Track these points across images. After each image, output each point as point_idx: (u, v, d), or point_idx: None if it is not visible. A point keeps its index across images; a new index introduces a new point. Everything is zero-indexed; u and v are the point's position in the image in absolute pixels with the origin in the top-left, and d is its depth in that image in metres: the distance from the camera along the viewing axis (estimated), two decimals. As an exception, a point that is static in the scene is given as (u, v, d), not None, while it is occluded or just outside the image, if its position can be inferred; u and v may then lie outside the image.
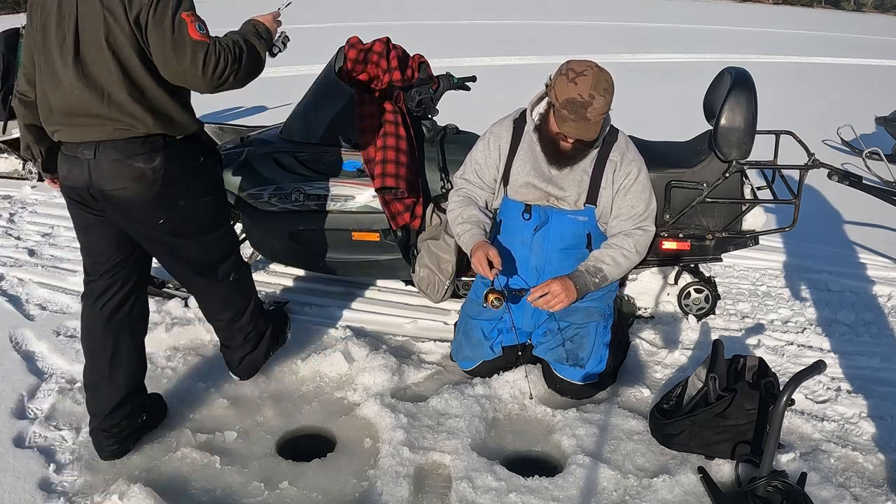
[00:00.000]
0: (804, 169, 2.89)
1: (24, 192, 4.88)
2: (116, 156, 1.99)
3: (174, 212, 2.12)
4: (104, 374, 2.21)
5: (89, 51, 1.93)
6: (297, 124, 3.08)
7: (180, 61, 1.90)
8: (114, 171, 2.00)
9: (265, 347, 2.57)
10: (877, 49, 17.42)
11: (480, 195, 2.59)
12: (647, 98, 8.97)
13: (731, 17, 25.54)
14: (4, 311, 3.11)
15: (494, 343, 2.60)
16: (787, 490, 2.02)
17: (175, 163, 2.07)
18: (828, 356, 2.95)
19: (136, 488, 1.98)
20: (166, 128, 2.03)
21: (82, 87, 1.94)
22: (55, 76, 1.98)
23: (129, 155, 1.99)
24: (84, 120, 1.97)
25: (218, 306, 2.42)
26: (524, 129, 2.50)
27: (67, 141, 2.03)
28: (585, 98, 2.19)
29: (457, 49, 12.72)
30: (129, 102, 1.94)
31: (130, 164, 2.00)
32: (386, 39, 3.02)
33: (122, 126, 1.97)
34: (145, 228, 2.13)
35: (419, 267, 2.93)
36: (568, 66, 2.25)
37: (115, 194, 2.02)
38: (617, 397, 2.62)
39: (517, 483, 2.14)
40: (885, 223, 4.64)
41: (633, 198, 2.45)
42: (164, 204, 2.08)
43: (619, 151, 2.45)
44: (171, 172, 2.06)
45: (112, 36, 1.90)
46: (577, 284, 2.35)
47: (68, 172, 2.06)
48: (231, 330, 2.47)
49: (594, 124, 2.24)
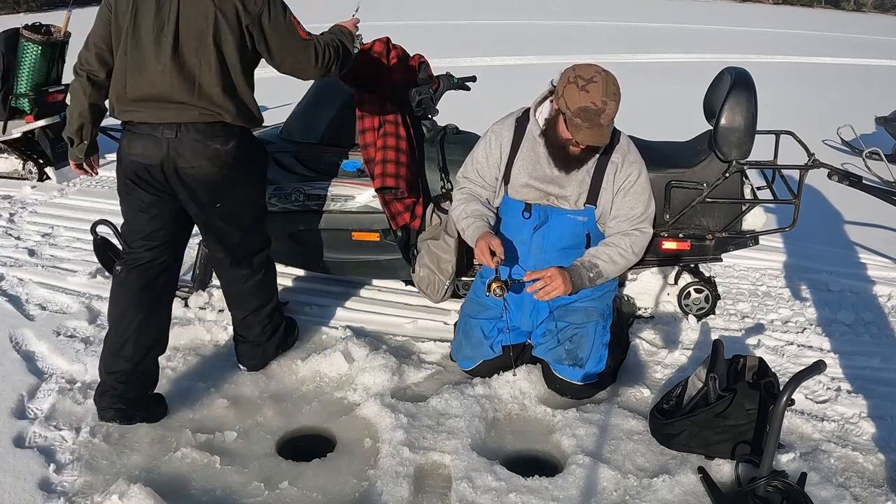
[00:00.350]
0: (804, 169, 2.89)
1: (24, 192, 4.88)
2: (197, 136, 2.22)
3: (233, 195, 2.36)
4: (130, 336, 2.33)
5: (189, 43, 2.15)
6: (297, 124, 3.08)
7: (295, 55, 2.26)
8: (193, 149, 2.22)
9: (277, 341, 2.73)
10: (877, 49, 17.43)
11: (482, 193, 2.59)
12: (647, 98, 8.97)
13: (731, 17, 25.54)
14: (4, 311, 3.11)
15: (494, 342, 2.60)
16: (787, 490, 2.02)
17: (244, 149, 2.35)
18: (828, 356, 2.95)
19: (136, 488, 1.98)
20: (243, 119, 2.29)
21: (175, 75, 2.15)
22: (143, 61, 2.16)
23: (209, 137, 2.24)
24: (167, 105, 2.18)
25: (246, 296, 2.60)
26: (526, 129, 2.50)
27: (147, 122, 2.21)
28: (599, 105, 2.20)
29: (457, 49, 12.72)
30: (220, 95, 2.19)
31: (209, 144, 2.24)
32: (386, 39, 3.01)
33: (206, 112, 2.20)
34: (203, 209, 2.34)
35: (419, 267, 2.93)
36: (576, 74, 2.24)
37: (188, 172, 2.24)
38: (617, 397, 2.62)
39: (517, 483, 2.14)
40: (885, 223, 4.64)
41: (631, 199, 2.46)
42: (227, 185, 2.32)
43: (620, 153, 2.46)
44: (242, 153, 2.33)
45: (220, 34, 2.15)
46: (573, 277, 2.37)
47: (143, 150, 2.23)
48: (251, 321, 2.63)
49: (606, 129, 2.27)
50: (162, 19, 2.14)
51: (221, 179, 2.30)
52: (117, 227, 3.07)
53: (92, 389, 2.54)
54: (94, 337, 2.92)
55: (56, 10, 20.02)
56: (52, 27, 4.94)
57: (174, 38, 2.14)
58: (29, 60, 4.81)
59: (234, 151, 2.29)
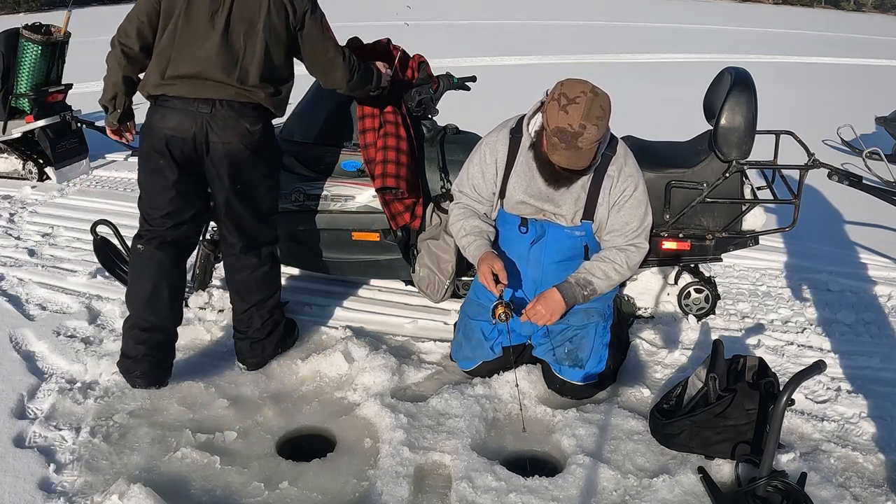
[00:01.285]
0: (804, 169, 2.89)
1: (24, 192, 4.88)
2: (231, 114, 2.36)
3: (253, 177, 2.48)
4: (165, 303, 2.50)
5: (238, 26, 2.32)
6: (297, 124, 3.08)
7: (326, 54, 2.49)
8: (226, 125, 2.36)
9: (276, 339, 2.74)
10: (877, 49, 17.42)
11: (479, 208, 2.56)
12: (648, 98, 8.97)
13: (731, 17, 25.54)
14: (4, 311, 3.11)
15: (495, 343, 2.60)
16: (787, 490, 2.02)
17: (269, 133, 2.52)
18: (828, 356, 2.95)
19: (136, 488, 1.98)
20: (273, 105, 2.46)
21: (221, 55, 2.31)
22: (194, 39, 2.31)
23: (242, 115, 2.38)
24: (206, 82, 2.33)
25: (251, 286, 2.64)
26: (520, 141, 2.43)
27: (183, 96, 2.33)
28: (576, 129, 2.09)
29: (457, 49, 12.71)
30: (257, 79, 2.36)
31: (241, 122, 2.38)
32: (387, 41, 3.02)
33: (242, 92, 2.36)
34: (226, 187, 2.44)
35: (419, 267, 2.93)
36: (561, 91, 2.14)
37: (219, 146, 2.37)
38: (617, 397, 2.62)
39: (517, 483, 2.14)
40: (885, 223, 4.64)
41: (626, 214, 2.40)
42: (251, 166, 2.45)
43: (616, 166, 2.38)
44: (265, 138, 2.49)
45: (270, 23, 2.34)
46: (566, 297, 2.34)
47: (177, 123, 2.34)
48: (252, 315, 2.65)
49: (586, 152, 2.16)
50: (217, 2, 2.31)
51: (246, 158, 2.43)
52: (117, 227, 3.08)
53: (92, 389, 2.55)
54: (94, 337, 2.92)
55: (56, 10, 20.03)
56: (52, 27, 4.94)
57: (226, 21, 2.31)
58: (29, 60, 4.81)
59: (259, 134, 2.44)
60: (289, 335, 2.85)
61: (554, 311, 2.34)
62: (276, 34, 2.37)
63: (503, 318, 2.31)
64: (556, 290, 2.35)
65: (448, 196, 2.94)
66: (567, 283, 2.38)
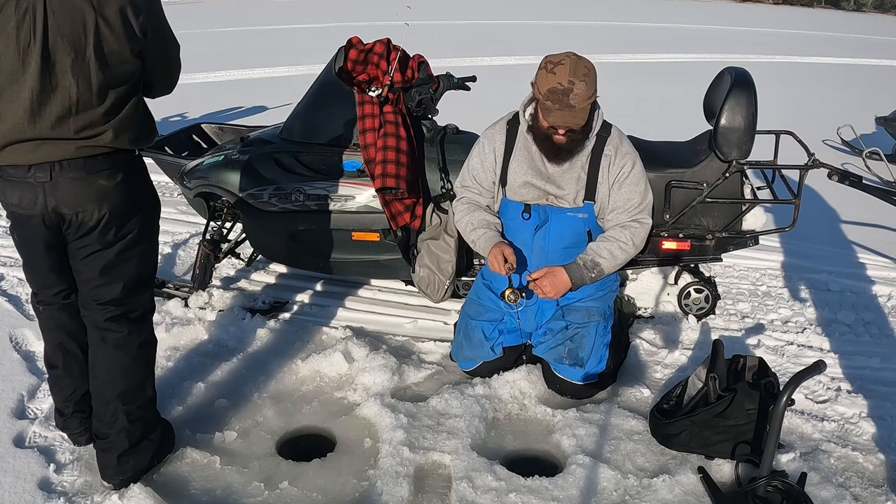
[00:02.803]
0: (804, 169, 2.89)
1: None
2: (77, 175, 1.83)
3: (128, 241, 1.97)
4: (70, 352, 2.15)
5: (61, 58, 1.71)
6: (297, 124, 3.08)
7: (174, 62, 1.99)
8: (73, 191, 1.83)
9: (152, 448, 2.14)
10: (877, 49, 17.41)
11: (481, 201, 2.60)
12: (648, 98, 8.97)
13: (731, 17, 25.53)
14: (4, 311, 3.11)
15: (495, 344, 2.60)
16: (787, 490, 2.02)
17: (137, 176, 1.98)
18: (828, 356, 2.95)
19: (136, 488, 1.98)
20: (130, 140, 1.89)
21: (44, 104, 1.73)
22: (3, 89, 1.73)
23: (93, 172, 1.85)
24: (35, 143, 1.77)
25: (112, 371, 2.04)
26: (518, 129, 2.51)
27: (17, 164, 1.81)
28: (565, 85, 2.21)
29: (457, 49, 12.72)
30: (102, 120, 1.80)
31: (94, 181, 1.85)
32: (387, 41, 3.02)
33: (85, 145, 1.81)
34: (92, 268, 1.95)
35: (419, 267, 2.93)
36: (546, 59, 2.29)
37: (73, 219, 1.88)
38: (617, 397, 2.62)
39: (517, 483, 2.14)
40: (885, 223, 4.64)
41: (627, 190, 2.46)
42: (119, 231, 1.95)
43: (612, 145, 2.46)
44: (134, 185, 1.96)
45: (105, 43, 1.74)
46: (573, 277, 2.40)
47: (19, 199, 1.86)
48: (115, 409, 2.05)
49: (580, 111, 2.26)
50: (26, 33, 1.68)
51: (113, 223, 1.91)
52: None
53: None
54: (94, 337, 2.92)
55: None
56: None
57: (41, 55, 1.70)
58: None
59: (124, 184, 1.91)
60: (168, 439, 2.24)
61: (559, 289, 2.41)
62: (115, 53, 1.76)
63: (511, 298, 2.38)
64: (563, 270, 2.41)
65: (448, 196, 2.94)
66: (575, 263, 2.43)
